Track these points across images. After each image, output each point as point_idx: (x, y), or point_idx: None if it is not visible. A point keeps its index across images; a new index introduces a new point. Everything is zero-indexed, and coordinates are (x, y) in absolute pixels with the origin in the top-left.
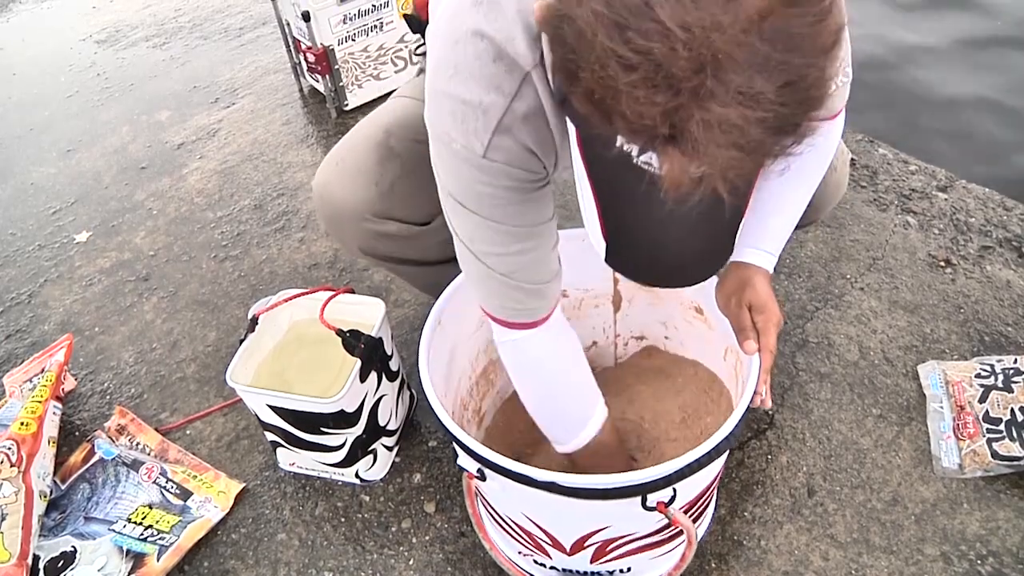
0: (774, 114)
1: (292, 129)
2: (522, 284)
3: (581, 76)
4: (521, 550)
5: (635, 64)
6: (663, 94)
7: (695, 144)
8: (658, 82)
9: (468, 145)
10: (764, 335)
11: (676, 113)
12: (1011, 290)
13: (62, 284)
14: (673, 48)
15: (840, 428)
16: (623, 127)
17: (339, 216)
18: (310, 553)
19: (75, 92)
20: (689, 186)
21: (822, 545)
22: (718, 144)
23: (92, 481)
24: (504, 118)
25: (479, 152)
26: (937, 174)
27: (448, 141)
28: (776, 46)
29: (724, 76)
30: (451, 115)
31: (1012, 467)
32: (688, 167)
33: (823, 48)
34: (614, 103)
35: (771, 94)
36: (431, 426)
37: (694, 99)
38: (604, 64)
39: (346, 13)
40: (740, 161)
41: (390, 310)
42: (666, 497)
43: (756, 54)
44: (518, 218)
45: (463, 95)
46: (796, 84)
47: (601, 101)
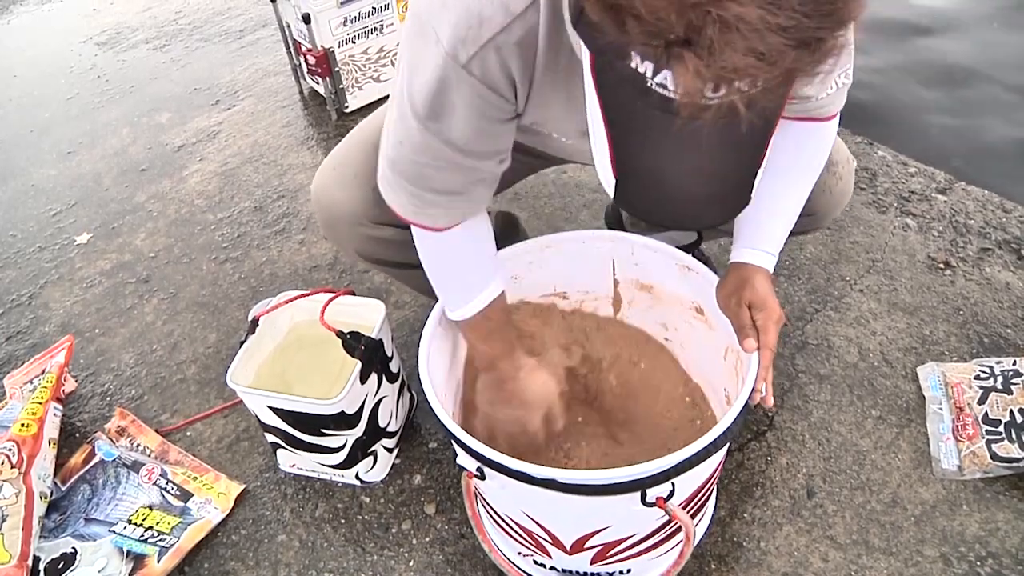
0: (796, 23)
1: (292, 131)
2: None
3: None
4: (521, 551)
5: None
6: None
7: (711, 46)
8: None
9: (452, 50)
10: (764, 333)
11: (692, 10)
12: (1010, 292)
13: (62, 286)
14: None
15: (840, 430)
16: (637, 31)
17: (337, 221)
18: (310, 554)
19: (75, 94)
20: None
21: (822, 546)
22: (735, 48)
23: (92, 482)
24: (499, 35)
25: (461, 60)
26: (936, 176)
27: (434, 37)
28: None
29: None
30: (448, 12)
31: (1011, 469)
32: (704, 74)
33: None
34: (629, 4)
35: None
36: (431, 428)
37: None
38: None
39: (346, 15)
40: (758, 70)
41: (390, 312)
42: (665, 492)
43: None
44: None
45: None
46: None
47: (616, 4)
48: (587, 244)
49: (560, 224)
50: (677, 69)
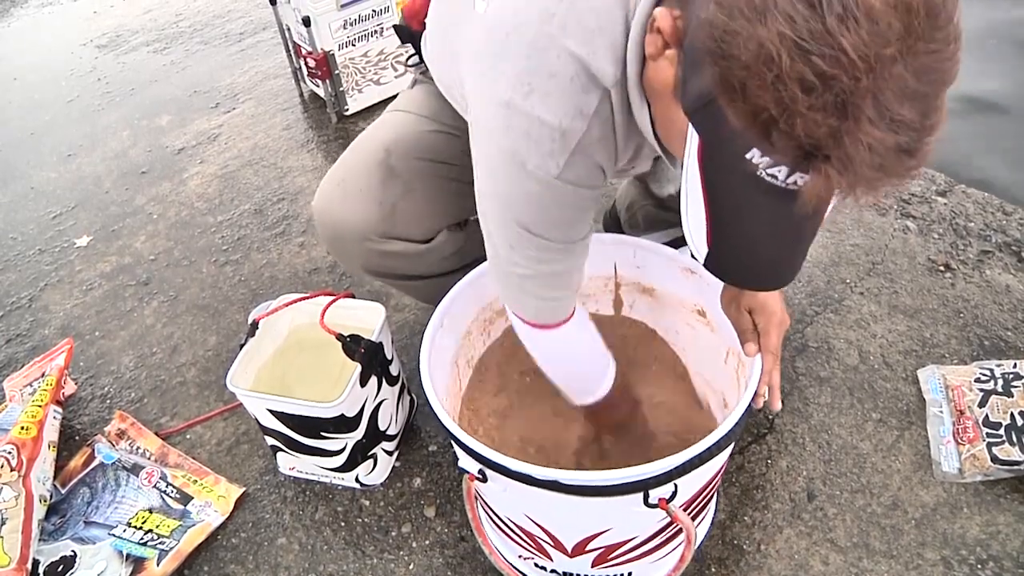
0: (910, 139)
1: (292, 134)
2: (551, 293)
3: (752, 92)
4: (522, 553)
5: (816, 87)
6: (834, 117)
7: (849, 163)
8: (832, 106)
9: (542, 166)
10: (765, 336)
11: (840, 135)
12: (1010, 295)
13: (62, 288)
14: (855, 77)
15: (840, 432)
16: (781, 144)
17: (343, 238)
18: (310, 557)
19: (76, 97)
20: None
21: (822, 550)
22: (868, 164)
23: (92, 485)
24: (583, 139)
25: (554, 173)
26: (936, 178)
27: (520, 161)
28: (921, 79)
29: (885, 103)
30: (526, 135)
31: (1012, 471)
32: (836, 183)
33: (950, 80)
34: (786, 121)
35: (915, 122)
36: (431, 430)
37: (857, 123)
38: (786, 84)
39: (347, 18)
40: (880, 182)
41: (390, 315)
42: (667, 493)
43: (907, 85)
44: (565, 234)
45: (540, 113)
46: (928, 112)
47: (769, 119)
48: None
49: None
50: (814, 177)
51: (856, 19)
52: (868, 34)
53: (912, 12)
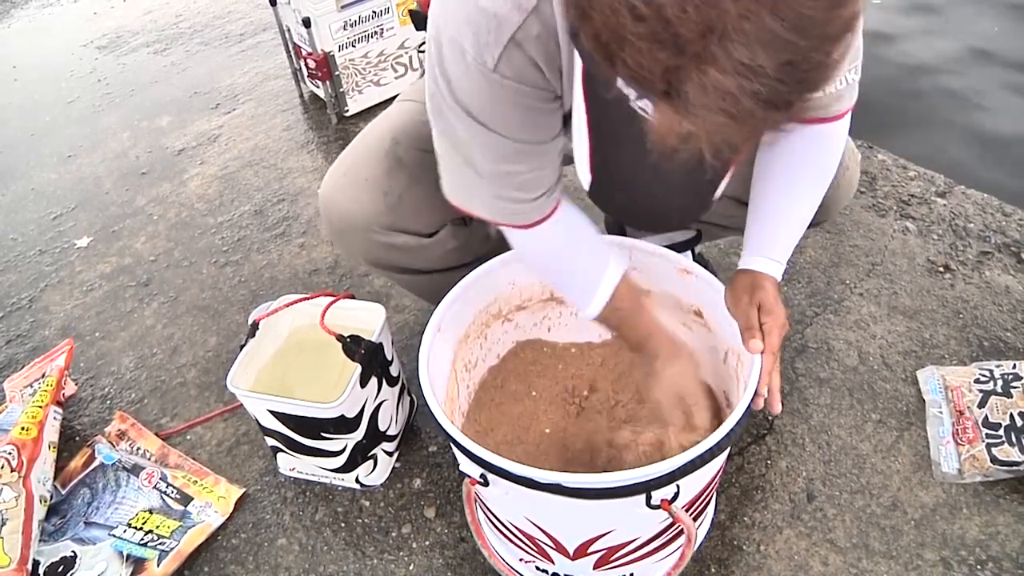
0: (769, 88)
1: (292, 135)
2: (519, 191)
3: (592, 15)
4: (523, 556)
5: (644, 16)
6: (666, 51)
7: (688, 104)
8: (664, 38)
9: (479, 56)
10: (769, 336)
11: (675, 72)
12: (1010, 295)
13: (63, 289)
14: (684, 9)
15: (839, 433)
16: (623, 73)
17: (347, 228)
18: (310, 558)
19: (76, 98)
20: (675, 142)
21: (822, 550)
22: (709, 108)
23: (92, 486)
24: (517, 33)
25: (490, 65)
26: (936, 179)
27: (462, 50)
28: (785, 24)
29: (728, 45)
30: (466, 23)
31: (1011, 472)
32: (676, 124)
33: (832, 34)
34: (618, 49)
35: (771, 70)
36: (431, 431)
37: (695, 61)
38: (615, 9)
39: (347, 19)
40: (727, 127)
41: (390, 316)
42: (669, 494)
43: (764, 28)
44: (523, 133)
45: (481, 2)
46: (797, 64)
47: (607, 44)
48: None
49: None
50: (655, 113)
51: None
52: None
53: None
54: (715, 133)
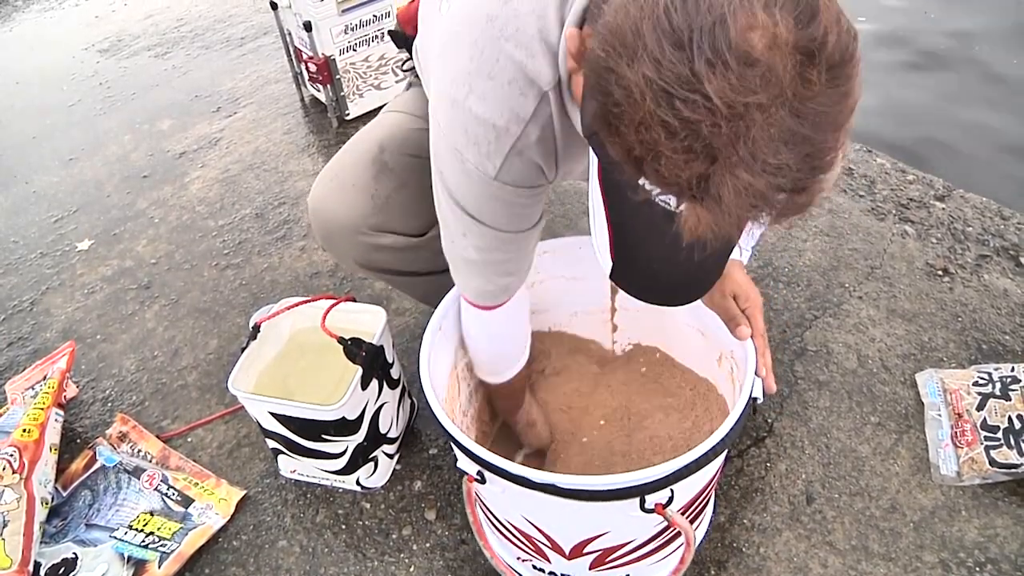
0: (791, 180)
1: (293, 138)
2: (498, 277)
3: (622, 130)
4: (520, 555)
5: (678, 131)
6: (700, 161)
7: (720, 205)
8: (697, 150)
9: (480, 166)
10: (753, 320)
11: (708, 178)
12: (1008, 299)
13: (64, 292)
14: (716, 124)
15: (839, 436)
16: (653, 180)
17: (335, 231)
18: (311, 560)
19: (77, 101)
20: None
21: (821, 552)
22: (741, 205)
23: (93, 488)
24: (518, 142)
25: (491, 174)
26: (935, 183)
27: (460, 157)
28: (804, 123)
29: (756, 149)
30: (464, 133)
31: (1010, 474)
32: (710, 223)
33: (841, 123)
34: (651, 161)
35: (794, 165)
36: (432, 434)
37: (727, 167)
38: (649, 127)
39: (347, 23)
40: (756, 215)
41: (391, 318)
42: (664, 498)
43: (786, 129)
44: (512, 224)
45: (479, 113)
46: (814, 155)
47: (638, 158)
48: (585, 249)
49: (559, 230)
50: (687, 214)
51: (726, 63)
52: (737, 78)
53: (798, 55)
54: (744, 222)
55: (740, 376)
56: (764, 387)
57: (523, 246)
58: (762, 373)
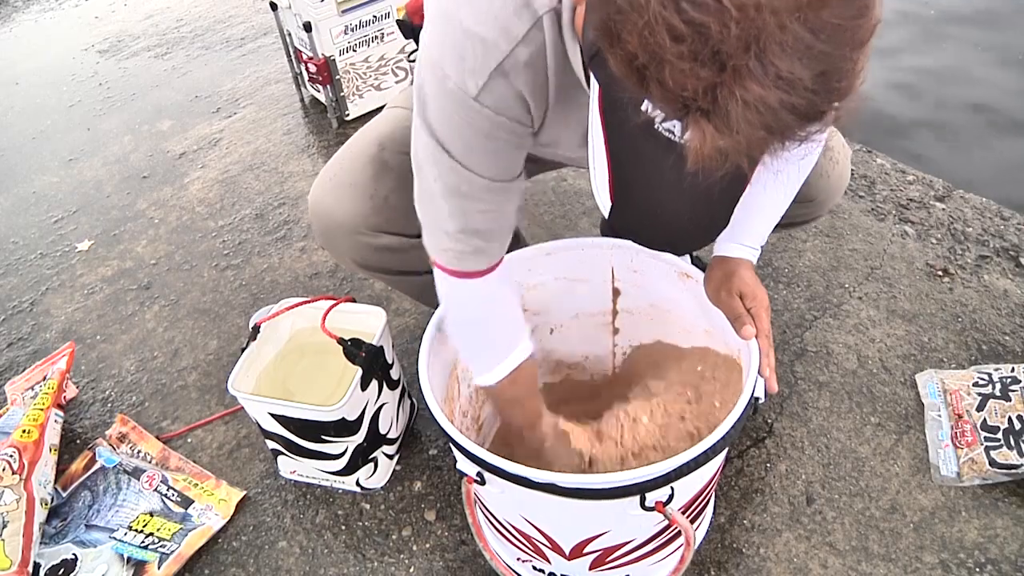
0: (806, 100)
1: (293, 139)
2: (473, 236)
3: (625, 38)
4: (520, 556)
5: (685, 35)
6: (707, 68)
7: (728, 120)
8: (704, 56)
9: (461, 83)
10: (758, 320)
11: (717, 89)
12: (1008, 299)
13: (64, 292)
14: (725, 25)
15: (839, 436)
16: (658, 94)
17: (334, 230)
18: (311, 561)
19: (77, 102)
20: (713, 160)
21: (821, 553)
22: (751, 123)
23: (93, 489)
24: (505, 61)
25: (471, 92)
26: (935, 184)
27: (442, 76)
28: (819, 35)
29: (768, 58)
30: (452, 47)
31: (1010, 475)
32: (717, 141)
33: (860, 41)
34: (656, 70)
35: (807, 81)
36: (432, 435)
37: (736, 77)
38: (653, 31)
39: (347, 24)
40: (766, 141)
41: (391, 319)
42: (664, 496)
43: (800, 40)
44: (488, 168)
45: (468, 25)
46: (830, 74)
47: (642, 67)
48: (587, 251)
49: (560, 231)
50: (693, 132)
51: None
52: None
53: None
54: (753, 147)
55: (744, 376)
56: (766, 387)
57: (500, 201)
58: (765, 373)
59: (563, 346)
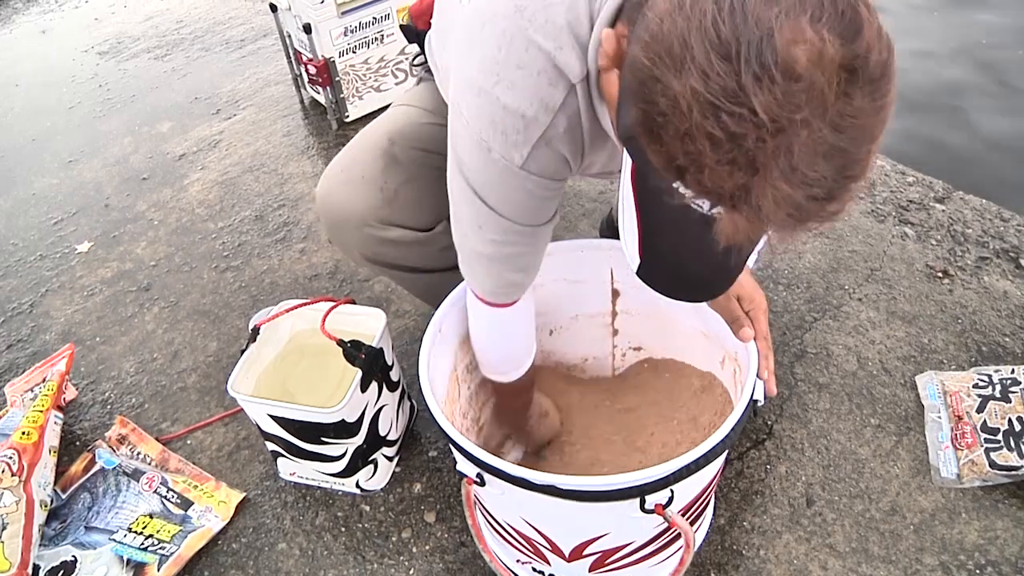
0: (826, 190)
1: (293, 140)
2: (511, 272)
3: (665, 139)
4: (520, 558)
5: (723, 144)
6: (742, 172)
7: (758, 214)
8: (740, 162)
9: (506, 155)
10: (756, 322)
11: (749, 189)
12: (1008, 301)
13: (63, 294)
14: (761, 138)
15: (839, 438)
16: (694, 189)
17: (343, 223)
18: (310, 563)
19: (77, 103)
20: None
21: (821, 555)
22: (778, 215)
23: (93, 491)
24: (547, 132)
25: (517, 163)
26: (934, 185)
27: (486, 147)
28: (843, 137)
29: (796, 162)
30: (491, 123)
31: (1010, 477)
32: (747, 230)
33: (877, 135)
34: (694, 171)
35: (829, 176)
36: (431, 436)
37: (767, 179)
38: (694, 138)
39: (347, 25)
40: (792, 227)
41: (391, 321)
42: (663, 499)
43: (826, 143)
44: (529, 218)
45: (506, 102)
46: (849, 166)
47: (681, 167)
48: (586, 252)
49: (560, 233)
50: (725, 221)
51: (772, 78)
52: (783, 94)
53: (838, 70)
54: (783, 231)
55: (743, 378)
56: (765, 389)
57: (538, 241)
58: (764, 375)
59: (563, 347)
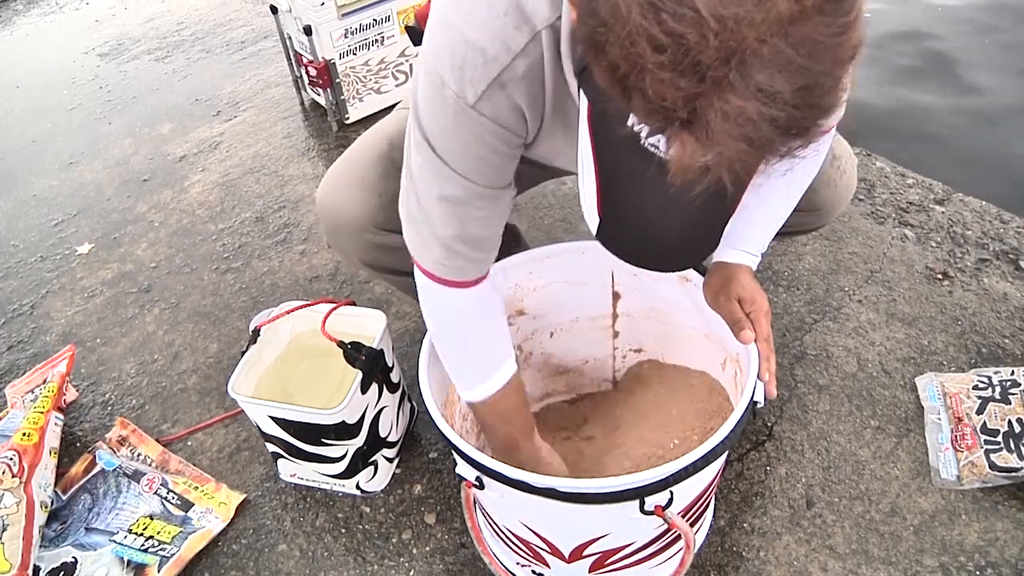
0: (786, 115)
1: (293, 142)
2: (462, 243)
3: (608, 49)
4: (519, 560)
5: (665, 45)
6: (687, 79)
7: (709, 132)
8: (684, 67)
9: (460, 92)
10: (757, 324)
11: (696, 99)
12: (1008, 302)
13: (64, 295)
14: (704, 36)
15: (839, 440)
16: (641, 105)
17: (341, 228)
18: (311, 564)
19: (78, 105)
20: (695, 174)
21: (821, 556)
22: (731, 135)
23: (93, 492)
24: (503, 73)
25: (470, 101)
26: (934, 187)
27: (440, 84)
28: (800, 50)
29: (747, 71)
30: (451, 55)
31: (1010, 478)
32: (698, 154)
33: (841, 59)
34: (637, 80)
35: (787, 95)
36: (432, 438)
37: (716, 88)
38: (634, 41)
39: (347, 27)
40: (747, 154)
41: (391, 322)
42: (663, 500)
43: (780, 54)
44: (481, 177)
45: (469, 36)
46: (811, 89)
47: (624, 77)
48: (586, 254)
49: (560, 235)
50: (673, 145)
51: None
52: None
53: None
54: (735, 160)
55: (744, 380)
56: (765, 391)
57: (492, 208)
58: (765, 377)
59: (563, 350)
